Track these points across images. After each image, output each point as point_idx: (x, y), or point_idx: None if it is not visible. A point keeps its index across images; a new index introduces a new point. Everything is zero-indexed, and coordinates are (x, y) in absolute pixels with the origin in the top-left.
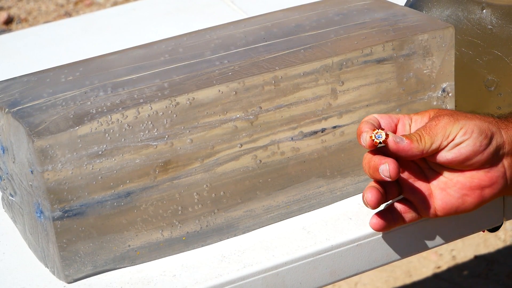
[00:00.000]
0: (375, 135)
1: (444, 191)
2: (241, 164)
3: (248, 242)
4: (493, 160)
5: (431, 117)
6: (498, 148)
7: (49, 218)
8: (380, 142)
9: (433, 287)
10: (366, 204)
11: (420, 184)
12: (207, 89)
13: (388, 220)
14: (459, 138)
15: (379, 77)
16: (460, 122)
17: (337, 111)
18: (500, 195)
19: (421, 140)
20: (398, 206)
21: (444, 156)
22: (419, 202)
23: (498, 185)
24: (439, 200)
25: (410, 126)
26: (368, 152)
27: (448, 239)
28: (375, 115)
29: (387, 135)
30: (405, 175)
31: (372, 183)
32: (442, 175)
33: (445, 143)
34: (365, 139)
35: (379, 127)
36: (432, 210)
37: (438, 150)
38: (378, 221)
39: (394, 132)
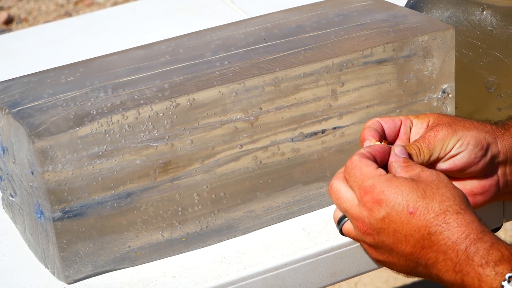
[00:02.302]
0: None
1: None
2: (241, 165)
3: (248, 243)
4: (488, 170)
5: (430, 124)
6: (493, 158)
7: (49, 219)
8: None
9: (433, 287)
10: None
11: None
12: (207, 90)
13: None
14: (455, 150)
15: (380, 78)
16: (458, 134)
17: (337, 112)
18: (492, 202)
19: (420, 153)
20: None
21: (439, 166)
22: None
23: (489, 193)
24: None
25: (410, 129)
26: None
27: None
28: (378, 119)
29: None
30: None
31: None
32: None
33: (442, 154)
34: None
35: (383, 133)
36: None
37: (435, 160)
38: None
39: (397, 136)
